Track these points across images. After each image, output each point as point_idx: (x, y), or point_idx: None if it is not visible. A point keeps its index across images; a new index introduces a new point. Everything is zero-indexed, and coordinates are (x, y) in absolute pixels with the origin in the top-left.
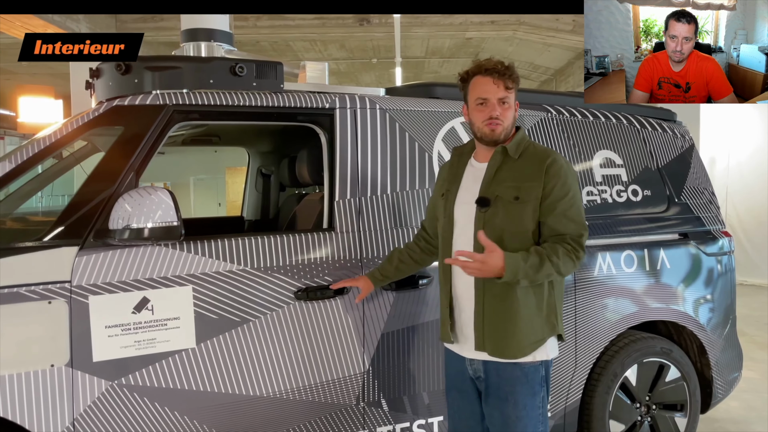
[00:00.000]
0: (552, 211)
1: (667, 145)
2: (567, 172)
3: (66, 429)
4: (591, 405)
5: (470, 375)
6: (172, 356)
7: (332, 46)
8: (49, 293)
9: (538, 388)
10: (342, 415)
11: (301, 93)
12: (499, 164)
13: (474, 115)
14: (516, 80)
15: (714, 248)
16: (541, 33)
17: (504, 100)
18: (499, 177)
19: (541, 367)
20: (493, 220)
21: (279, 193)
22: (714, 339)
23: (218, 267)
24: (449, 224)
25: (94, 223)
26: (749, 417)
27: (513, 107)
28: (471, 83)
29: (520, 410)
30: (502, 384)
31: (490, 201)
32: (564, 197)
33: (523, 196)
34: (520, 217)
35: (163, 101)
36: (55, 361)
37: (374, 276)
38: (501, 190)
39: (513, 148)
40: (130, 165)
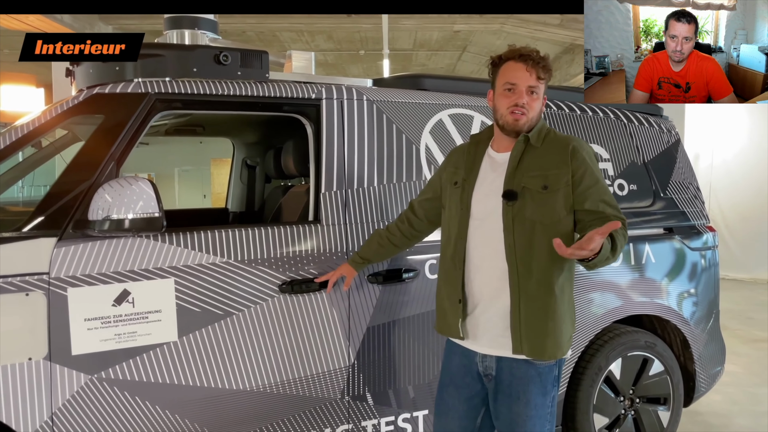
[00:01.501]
0: (588, 197)
1: (653, 139)
2: (592, 156)
3: (44, 423)
4: (575, 398)
5: (479, 371)
6: (153, 350)
7: (320, 37)
8: (27, 285)
9: (550, 387)
10: (326, 409)
11: (286, 83)
12: (521, 154)
13: (499, 100)
14: (549, 72)
15: (698, 243)
16: (529, 27)
17: (533, 89)
18: (523, 167)
19: (555, 366)
20: (523, 213)
21: (264, 184)
22: (697, 333)
23: (201, 259)
24: (465, 216)
25: (73, 213)
26: (732, 410)
27: (541, 99)
28: (502, 68)
29: (531, 409)
30: (514, 382)
31: (517, 194)
32: (597, 183)
33: (551, 185)
34: (551, 207)
35: (145, 89)
36: (33, 354)
37: (354, 261)
38: (527, 180)
39: (535, 136)
40: (111, 154)
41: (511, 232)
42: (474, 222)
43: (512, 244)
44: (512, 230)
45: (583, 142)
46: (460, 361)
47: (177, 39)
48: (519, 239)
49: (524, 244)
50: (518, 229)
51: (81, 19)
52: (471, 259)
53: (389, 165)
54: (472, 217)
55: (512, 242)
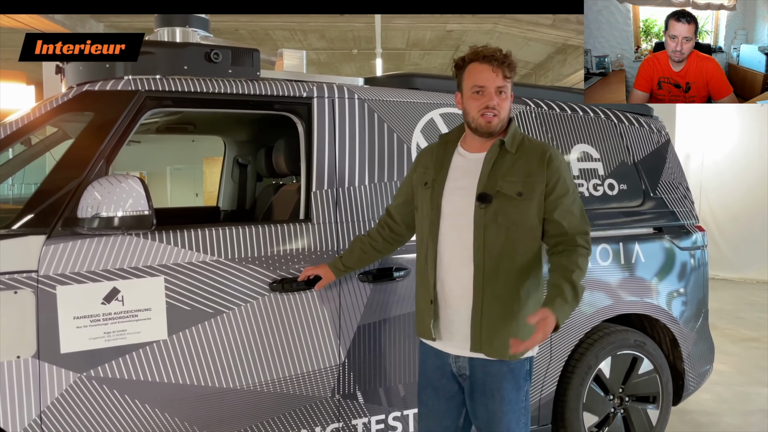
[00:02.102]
0: (557, 207)
1: (643, 139)
2: (565, 165)
3: (33, 421)
4: (565, 397)
5: (452, 372)
6: (143, 348)
7: (312, 35)
8: (15, 283)
9: (523, 382)
10: (317, 407)
11: (278, 81)
12: (496, 157)
13: (469, 103)
14: (514, 69)
15: (688, 243)
16: (522, 27)
17: (502, 89)
18: (497, 172)
19: (526, 362)
20: (495, 217)
21: (256, 183)
22: (686, 332)
23: (191, 257)
24: (436, 216)
25: (62, 211)
26: (720, 409)
27: (510, 98)
28: (467, 70)
29: (506, 405)
30: (488, 381)
31: (491, 197)
32: (567, 193)
33: (527, 192)
34: (525, 214)
35: (135, 87)
36: (21, 352)
37: (336, 267)
38: (502, 185)
39: (510, 141)
40: (100, 152)
41: (481, 234)
42: (444, 222)
43: (481, 246)
44: (483, 232)
45: (557, 151)
46: (435, 363)
47: (168, 37)
48: (489, 241)
49: (494, 247)
50: (489, 232)
51: (73, 18)
52: (442, 260)
53: (380, 164)
54: (442, 217)
55: (481, 244)
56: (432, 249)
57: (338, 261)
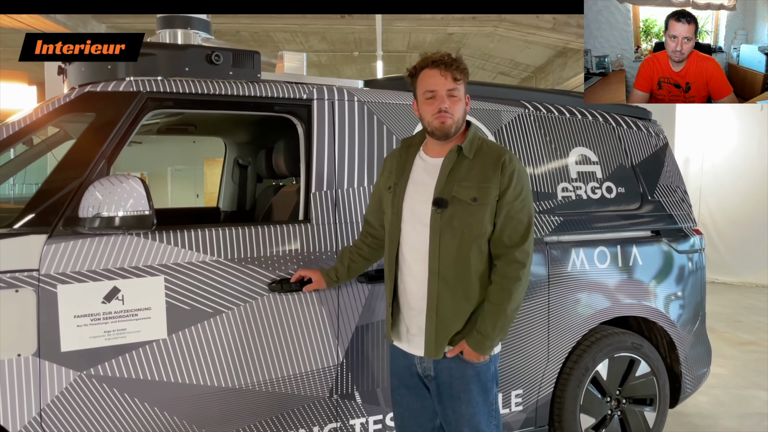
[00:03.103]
0: (502, 211)
1: (641, 143)
2: (521, 171)
3: (33, 419)
4: (562, 398)
5: (418, 372)
6: (142, 347)
7: (313, 37)
8: (17, 281)
9: (490, 384)
10: (315, 407)
11: (278, 83)
12: (454, 163)
13: (423, 108)
14: (464, 72)
15: (685, 246)
16: (522, 30)
17: (452, 92)
18: (454, 176)
19: (491, 363)
20: (451, 221)
21: (256, 184)
22: (684, 335)
23: (191, 257)
24: (397, 220)
25: (63, 210)
26: (717, 412)
27: (463, 100)
28: (419, 78)
29: (474, 408)
30: (454, 383)
31: (447, 202)
32: (515, 199)
33: (481, 198)
34: (479, 219)
35: (137, 88)
36: (22, 350)
37: (329, 276)
38: (458, 190)
39: (468, 146)
40: (102, 152)
41: (437, 238)
42: (405, 226)
43: (436, 251)
44: (438, 237)
45: (514, 157)
46: (404, 363)
47: (170, 38)
48: (445, 246)
49: (448, 251)
50: (444, 237)
51: (75, 18)
52: (404, 262)
53: (379, 166)
54: (403, 221)
55: (437, 249)
56: (393, 252)
57: (331, 272)
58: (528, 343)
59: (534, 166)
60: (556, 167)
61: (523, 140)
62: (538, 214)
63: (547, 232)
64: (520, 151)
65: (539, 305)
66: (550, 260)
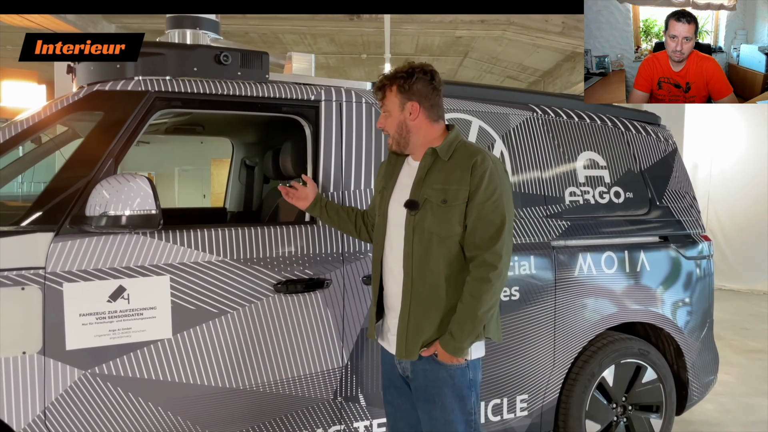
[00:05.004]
0: (472, 213)
1: (650, 148)
2: (494, 172)
3: (37, 417)
4: (568, 404)
5: (400, 373)
6: (147, 346)
7: (322, 39)
8: (23, 279)
9: (467, 392)
10: (319, 409)
11: (286, 84)
12: (430, 165)
13: None
14: (383, 89)
15: (693, 252)
16: (531, 34)
17: (384, 110)
18: (429, 179)
19: (467, 369)
20: (422, 224)
21: (263, 184)
22: (691, 342)
23: (197, 257)
24: (383, 222)
25: (70, 209)
26: (724, 420)
27: (392, 114)
28: None
29: (449, 413)
30: (429, 386)
31: (419, 204)
32: (487, 200)
33: (450, 199)
34: (447, 221)
35: (145, 88)
36: (27, 348)
37: (320, 201)
38: (429, 192)
39: (444, 149)
40: (109, 151)
41: (410, 241)
42: (390, 229)
43: (410, 253)
44: (411, 239)
45: (488, 157)
46: (391, 362)
47: (179, 38)
48: (417, 248)
49: (421, 254)
50: (417, 239)
51: (85, 18)
52: (386, 265)
53: None
54: (388, 224)
55: (410, 251)
56: (378, 254)
57: (324, 200)
58: (534, 348)
59: (542, 170)
60: (564, 171)
61: (531, 144)
62: (545, 218)
63: (554, 236)
64: (528, 155)
65: (546, 309)
66: (557, 265)
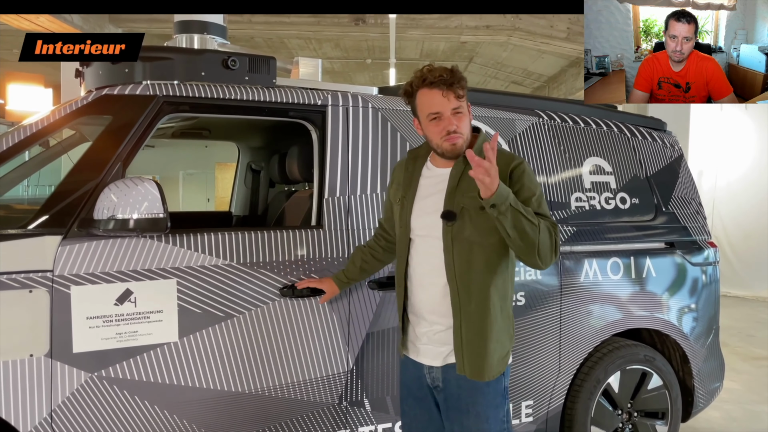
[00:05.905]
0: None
1: (656, 154)
2: (530, 175)
3: (44, 420)
4: (573, 410)
5: (427, 383)
6: (153, 350)
7: (327, 44)
8: (30, 282)
9: (501, 399)
10: (324, 413)
11: (293, 89)
12: (461, 173)
13: (429, 129)
14: (464, 86)
15: (699, 258)
16: (536, 39)
17: (458, 110)
18: (462, 187)
19: (502, 377)
20: (462, 233)
21: (268, 189)
22: (697, 348)
23: (203, 261)
24: (405, 233)
25: (78, 212)
26: (730, 427)
27: (467, 113)
28: (417, 97)
29: (482, 423)
30: (462, 395)
31: (455, 214)
32: (531, 198)
33: None
34: (489, 227)
35: (153, 92)
36: (34, 350)
37: (339, 279)
38: (466, 200)
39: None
40: (118, 155)
41: (450, 253)
42: (415, 239)
43: (452, 264)
44: (452, 250)
45: (520, 161)
46: (413, 373)
47: (186, 43)
48: (458, 259)
49: (463, 264)
50: (457, 250)
51: (90, 21)
52: (413, 275)
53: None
54: (412, 234)
55: (452, 262)
56: (402, 265)
57: (341, 274)
58: (539, 354)
59: (548, 175)
60: (570, 177)
61: (537, 149)
62: None
63: (560, 242)
64: (534, 160)
65: (551, 315)
66: (562, 270)
